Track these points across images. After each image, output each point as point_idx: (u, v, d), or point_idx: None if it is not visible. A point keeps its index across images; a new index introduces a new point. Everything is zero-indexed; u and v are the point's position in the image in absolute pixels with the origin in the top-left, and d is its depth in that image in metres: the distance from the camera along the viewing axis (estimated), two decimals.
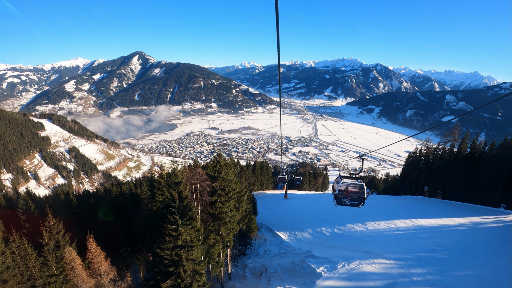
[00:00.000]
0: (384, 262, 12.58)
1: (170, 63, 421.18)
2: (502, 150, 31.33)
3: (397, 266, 12.04)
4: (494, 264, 13.00)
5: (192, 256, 9.56)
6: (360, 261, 12.74)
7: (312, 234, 20.07)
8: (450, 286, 9.84)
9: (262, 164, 54.51)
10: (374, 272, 11.62)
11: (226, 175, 13.31)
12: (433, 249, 14.46)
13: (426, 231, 18.42)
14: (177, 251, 9.39)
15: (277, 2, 3.55)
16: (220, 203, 13.31)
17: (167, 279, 9.22)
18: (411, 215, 22.93)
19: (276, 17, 3.79)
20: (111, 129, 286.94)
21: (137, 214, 12.59)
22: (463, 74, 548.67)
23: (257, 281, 13.67)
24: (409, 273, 11.31)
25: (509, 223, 22.75)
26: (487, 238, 17.88)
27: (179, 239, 9.34)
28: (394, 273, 11.43)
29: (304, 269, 12.94)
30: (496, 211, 26.98)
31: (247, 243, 19.96)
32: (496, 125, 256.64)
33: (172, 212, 10.01)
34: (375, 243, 16.53)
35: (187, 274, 9.35)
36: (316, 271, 12.40)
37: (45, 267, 8.68)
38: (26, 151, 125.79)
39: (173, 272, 9.44)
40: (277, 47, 4.51)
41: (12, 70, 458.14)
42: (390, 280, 10.67)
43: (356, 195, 11.56)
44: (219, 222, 13.11)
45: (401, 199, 34.10)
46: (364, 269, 12.10)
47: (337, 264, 12.78)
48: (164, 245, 9.82)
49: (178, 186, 10.16)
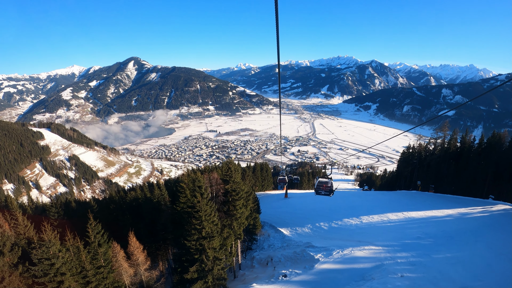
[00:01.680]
0: (373, 248, 14.28)
1: (166, 67, 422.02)
2: (490, 144, 33.10)
3: (384, 251, 13.73)
4: (472, 248, 14.71)
5: (213, 245, 11.54)
6: (353, 248, 14.43)
7: (311, 229, 21.80)
8: (429, 266, 11.50)
9: (262, 166, 56.21)
10: (364, 256, 13.33)
11: (236, 179, 15.28)
12: (418, 236, 16.15)
13: (415, 222, 20.15)
14: (201, 241, 11.39)
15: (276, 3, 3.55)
16: (232, 202, 15.46)
17: (193, 264, 11.20)
18: (403, 208, 24.64)
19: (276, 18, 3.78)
20: (110, 135, 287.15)
21: (159, 215, 14.43)
22: (459, 67, 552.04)
23: (264, 269, 15.47)
24: (395, 256, 12.98)
25: (494, 212, 24.46)
26: (471, 226, 19.58)
27: (203, 232, 11.25)
28: (381, 256, 13.10)
29: (304, 257, 14.70)
30: (484, 202, 28.48)
31: (253, 239, 21.76)
32: (493, 117, 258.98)
33: (196, 210, 11.90)
34: (367, 234, 18.26)
35: (209, 260, 11.29)
36: (315, 257, 14.14)
37: (94, 260, 10.31)
38: (26, 160, 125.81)
39: (198, 258, 11.43)
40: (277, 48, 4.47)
41: (8, 80, 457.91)
42: (378, 262, 12.34)
43: (328, 188, 18.07)
44: (231, 218, 15.28)
45: (395, 194, 35.88)
46: (355, 254, 13.80)
47: (333, 251, 14.48)
48: (190, 237, 11.86)
49: (201, 189, 12.05)
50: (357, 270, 11.86)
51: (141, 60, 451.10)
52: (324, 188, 17.83)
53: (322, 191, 17.92)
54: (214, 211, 12.80)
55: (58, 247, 8.62)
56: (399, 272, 10.42)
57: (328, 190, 17.86)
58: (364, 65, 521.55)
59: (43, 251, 8.13)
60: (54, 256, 8.27)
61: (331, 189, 17.84)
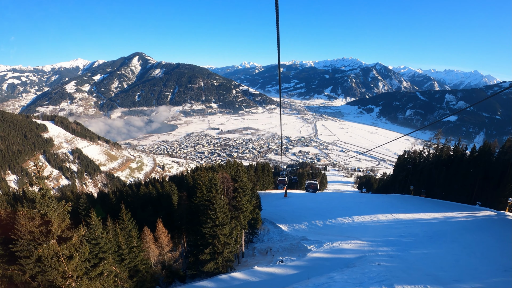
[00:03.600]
0: (359, 243, 16.27)
1: (170, 63, 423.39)
2: (480, 153, 34.94)
3: (368, 245, 15.71)
4: (448, 247, 16.64)
5: (224, 232, 13.91)
6: (341, 242, 16.44)
7: (307, 226, 23.87)
8: (405, 259, 13.45)
9: (264, 165, 58.30)
10: (350, 249, 15.32)
11: (243, 178, 17.54)
12: (401, 235, 18.09)
13: (401, 222, 22.12)
14: (214, 228, 13.64)
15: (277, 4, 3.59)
16: (239, 198, 18.03)
17: (207, 247, 13.42)
18: (393, 210, 26.58)
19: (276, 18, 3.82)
20: (112, 130, 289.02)
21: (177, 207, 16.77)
22: (463, 73, 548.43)
23: (264, 257, 17.63)
24: (377, 250, 14.93)
25: (478, 218, 26.27)
26: (452, 229, 21.47)
27: (216, 221, 13.49)
28: (365, 249, 15.06)
29: (299, 247, 16.82)
30: (470, 208, 29.99)
31: (254, 233, 23.98)
32: (495, 124, 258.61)
33: (212, 203, 14.33)
34: (357, 231, 20.23)
35: (220, 244, 13.59)
36: (308, 248, 16.24)
37: (128, 241, 12.40)
38: (30, 152, 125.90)
39: (211, 243, 13.83)
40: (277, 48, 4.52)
41: (13, 71, 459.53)
42: (361, 254, 14.28)
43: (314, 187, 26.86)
44: (238, 211, 17.82)
45: (389, 197, 37.88)
46: (343, 246, 15.81)
47: (324, 244, 16.53)
48: (206, 225, 14.42)
49: (216, 186, 14.20)
50: (342, 259, 13.85)
51: (146, 55, 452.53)
52: (312, 187, 27.47)
53: (310, 189, 27.46)
54: (225, 204, 15.12)
55: (101, 230, 10.65)
56: (377, 261, 12.34)
57: (314, 189, 27.58)
58: (368, 67, 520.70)
59: (90, 232, 10.16)
60: (99, 237, 10.30)
61: (316, 188, 27.71)
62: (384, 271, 10.77)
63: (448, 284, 9.71)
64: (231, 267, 15.59)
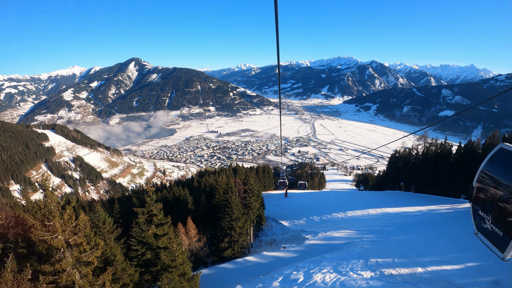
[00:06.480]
0: (348, 232, 19.28)
1: (167, 68, 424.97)
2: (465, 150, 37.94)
3: (355, 233, 18.70)
4: (424, 233, 19.50)
5: (238, 224, 17.48)
6: (333, 231, 19.52)
7: (305, 221, 27.00)
8: (384, 242, 16.37)
9: (264, 167, 61.31)
10: (340, 236, 18.35)
11: (251, 181, 20.95)
12: (385, 225, 21.01)
13: (388, 215, 25.11)
14: (231, 222, 16.90)
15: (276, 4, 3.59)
16: (248, 197, 21.64)
17: (226, 237, 16.71)
18: (383, 205, 29.58)
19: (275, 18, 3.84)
20: (112, 136, 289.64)
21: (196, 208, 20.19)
22: (459, 67, 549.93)
23: (269, 246, 20.97)
24: (362, 236, 17.87)
25: (459, 209, 29.18)
26: (432, 219, 24.33)
27: (233, 216, 16.75)
28: (352, 236, 18.06)
29: (298, 237, 20.02)
30: (454, 201, 32.57)
31: (260, 229, 27.43)
32: (492, 118, 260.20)
33: (229, 202, 18.05)
34: (348, 223, 23.21)
35: (236, 234, 16.96)
36: (305, 237, 19.51)
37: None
38: (32, 162, 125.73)
39: (229, 233, 17.30)
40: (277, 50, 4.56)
41: (9, 80, 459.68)
42: (349, 240, 17.25)
43: (304, 186, 47.20)
44: (248, 208, 21.07)
45: (381, 193, 41.02)
46: (334, 235, 18.87)
47: (319, 233, 19.69)
48: (224, 220, 18.38)
49: (231, 188, 17.43)
50: (334, 244, 16.81)
51: (142, 61, 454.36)
52: (302, 186, 46.02)
53: (301, 187, 46.63)
54: (239, 203, 18.30)
55: None
56: (361, 245, 15.25)
57: (304, 187, 46.82)
58: (364, 65, 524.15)
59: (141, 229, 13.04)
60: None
61: (305, 186, 47.21)
62: (364, 250, 13.70)
63: (412, 258, 12.65)
64: (244, 254, 18.96)
